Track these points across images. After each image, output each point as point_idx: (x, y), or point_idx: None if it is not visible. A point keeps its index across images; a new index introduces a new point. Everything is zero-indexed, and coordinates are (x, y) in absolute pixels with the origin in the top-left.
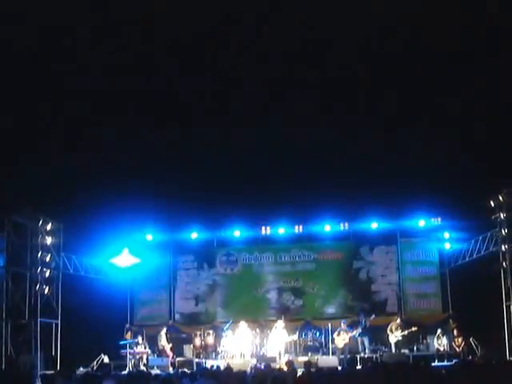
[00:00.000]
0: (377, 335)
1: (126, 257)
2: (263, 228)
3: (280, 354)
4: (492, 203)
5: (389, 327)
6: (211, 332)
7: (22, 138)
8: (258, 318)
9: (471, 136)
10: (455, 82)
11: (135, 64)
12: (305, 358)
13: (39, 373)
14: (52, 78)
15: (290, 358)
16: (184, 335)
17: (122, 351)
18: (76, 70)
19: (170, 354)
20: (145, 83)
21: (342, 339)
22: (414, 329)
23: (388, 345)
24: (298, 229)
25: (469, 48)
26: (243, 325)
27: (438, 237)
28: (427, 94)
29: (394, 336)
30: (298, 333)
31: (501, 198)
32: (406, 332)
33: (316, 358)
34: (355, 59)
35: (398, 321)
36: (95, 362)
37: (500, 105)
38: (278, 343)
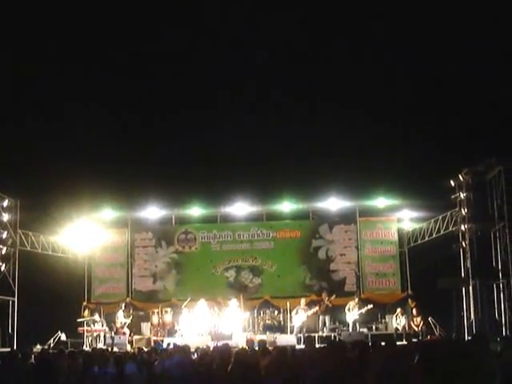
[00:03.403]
0: (336, 314)
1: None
2: (222, 206)
3: (236, 332)
4: (452, 183)
5: (346, 306)
6: (169, 310)
7: None
8: (216, 296)
9: (432, 116)
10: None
11: None
12: (263, 337)
13: None
14: None
15: (249, 337)
16: (142, 313)
17: (79, 329)
18: None
19: (128, 331)
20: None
21: (300, 318)
22: (369, 306)
23: (346, 324)
24: (257, 207)
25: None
26: (202, 303)
27: (397, 216)
28: (389, 72)
29: (352, 315)
30: (256, 311)
31: (461, 177)
32: (362, 310)
33: (274, 336)
34: None
35: (356, 300)
36: (52, 340)
37: (461, 85)
38: (234, 321)
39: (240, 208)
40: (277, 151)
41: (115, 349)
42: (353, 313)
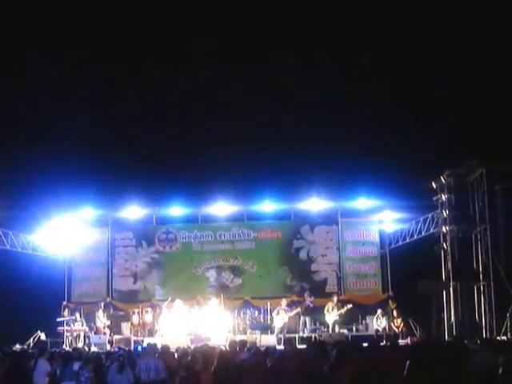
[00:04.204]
0: (316, 315)
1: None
2: (203, 206)
3: (216, 333)
4: (434, 185)
5: (326, 308)
6: (149, 310)
7: None
8: (197, 296)
9: (414, 117)
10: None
11: None
12: (243, 337)
13: None
14: None
15: (230, 338)
16: (122, 313)
17: (59, 328)
18: None
19: (108, 331)
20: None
21: (281, 318)
22: (349, 306)
23: (327, 325)
24: (239, 207)
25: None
26: (179, 303)
27: (379, 217)
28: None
29: (331, 316)
30: (236, 312)
31: (443, 179)
32: (342, 311)
33: (255, 337)
34: None
35: (335, 300)
36: (32, 339)
37: (443, 86)
38: (214, 322)
39: (221, 208)
40: (258, 151)
41: (95, 348)
42: (332, 314)
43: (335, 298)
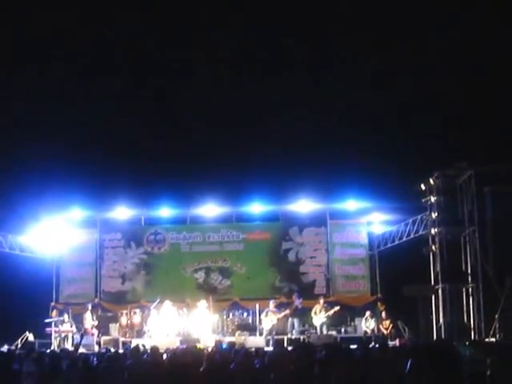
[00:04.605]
0: (305, 317)
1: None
2: (192, 207)
3: (205, 334)
4: (423, 186)
5: (313, 310)
6: (138, 311)
7: None
8: (185, 297)
9: (403, 119)
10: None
11: None
12: (232, 339)
13: None
14: None
15: (218, 339)
16: (110, 314)
17: (47, 329)
18: None
19: (96, 332)
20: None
21: (269, 320)
22: (336, 308)
23: (315, 327)
24: (227, 209)
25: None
26: (167, 304)
27: (367, 219)
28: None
29: (319, 318)
30: (225, 313)
31: (432, 181)
32: (330, 313)
33: (243, 338)
34: None
35: (322, 303)
36: (19, 340)
37: (432, 88)
38: (202, 323)
39: (210, 209)
40: (247, 152)
41: (83, 349)
42: (320, 316)
43: (322, 300)
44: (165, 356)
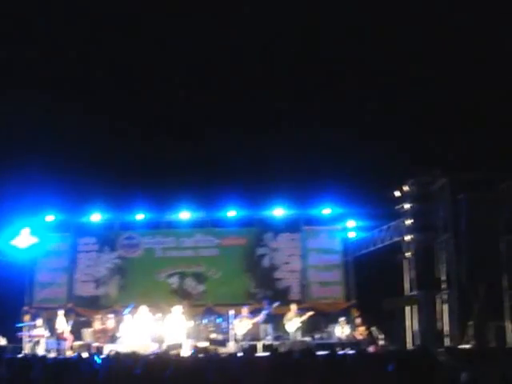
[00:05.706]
0: (280, 323)
1: (25, 237)
2: (166, 212)
3: (178, 340)
4: (397, 193)
5: (285, 317)
6: (111, 316)
7: None
8: (159, 302)
9: (378, 125)
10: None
11: None
12: (206, 344)
13: None
14: None
15: (191, 344)
16: (83, 319)
17: (19, 334)
18: None
19: (69, 337)
20: None
21: (243, 326)
22: (309, 313)
23: (288, 333)
24: (202, 214)
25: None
26: (143, 309)
27: (342, 225)
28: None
29: (292, 324)
30: (199, 319)
31: (406, 187)
32: (304, 318)
33: (217, 345)
34: None
35: (294, 309)
36: None
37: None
38: (177, 329)
39: (185, 214)
40: (222, 158)
41: (54, 354)
42: (293, 322)
43: (293, 306)
44: (137, 362)
